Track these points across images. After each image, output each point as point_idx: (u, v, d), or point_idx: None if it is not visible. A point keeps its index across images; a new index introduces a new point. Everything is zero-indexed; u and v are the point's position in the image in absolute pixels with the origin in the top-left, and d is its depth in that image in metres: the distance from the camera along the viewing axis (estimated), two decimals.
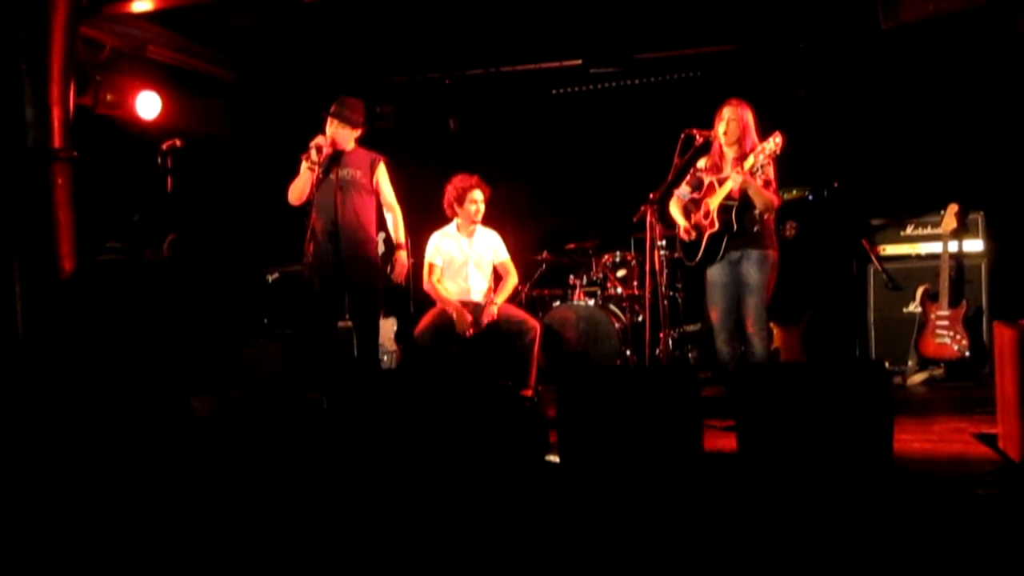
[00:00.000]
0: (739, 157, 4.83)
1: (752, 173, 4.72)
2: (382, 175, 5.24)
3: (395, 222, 5.29)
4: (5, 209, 5.02)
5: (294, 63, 7.39)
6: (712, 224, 4.89)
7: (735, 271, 4.89)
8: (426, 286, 5.80)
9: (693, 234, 4.98)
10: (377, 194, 5.22)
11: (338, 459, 3.78)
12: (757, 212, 4.80)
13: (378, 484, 3.57)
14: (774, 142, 4.67)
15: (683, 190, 5.10)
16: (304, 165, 5.00)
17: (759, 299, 4.81)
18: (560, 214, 8.02)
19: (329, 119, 5.11)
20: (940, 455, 3.97)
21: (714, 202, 4.87)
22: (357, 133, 5.19)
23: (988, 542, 2.83)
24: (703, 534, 3.02)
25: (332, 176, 5.00)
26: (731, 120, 4.85)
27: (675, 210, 5.13)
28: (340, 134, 5.10)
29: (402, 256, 5.25)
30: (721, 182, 4.85)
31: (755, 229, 4.82)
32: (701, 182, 5.02)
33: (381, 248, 6.51)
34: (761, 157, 4.70)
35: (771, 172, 4.78)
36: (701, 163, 5.05)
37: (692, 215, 5.04)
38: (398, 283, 5.29)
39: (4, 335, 4.85)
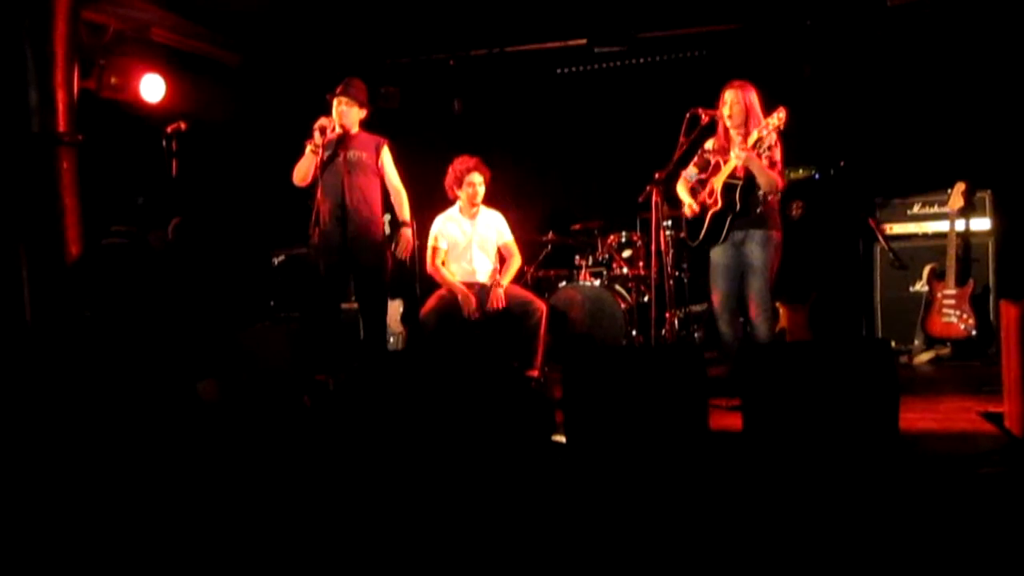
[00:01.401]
0: (745, 137, 4.80)
1: (756, 149, 4.68)
2: (387, 157, 5.26)
3: (400, 203, 5.31)
4: (11, 194, 5.03)
5: (298, 45, 7.37)
6: (716, 202, 4.86)
7: (738, 253, 4.85)
8: (429, 269, 5.80)
9: (696, 209, 4.96)
10: (382, 176, 5.23)
11: (345, 441, 3.79)
12: (761, 193, 4.75)
13: (385, 466, 3.59)
14: (777, 117, 4.61)
15: (690, 171, 5.07)
16: (308, 148, 4.99)
17: (763, 281, 4.78)
18: (566, 195, 8.01)
19: (336, 99, 5.10)
20: (946, 434, 3.97)
21: (718, 181, 4.85)
22: (363, 114, 5.19)
23: (993, 520, 2.84)
24: (709, 513, 3.04)
25: (339, 158, 5.01)
26: (734, 103, 4.80)
27: (682, 190, 5.11)
28: (347, 114, 5.09)
29: (407, 233, 5.28)
30: (727, 161, 4.83)
31: (759, 210, 4.77)
32: (708, 163, 4.99)
33: (387, 230, 6.51)
34: (765, 132, 4.65)
35: (777, 153, 4.73)
36: (709, 144, 5.01)
37: (698, 195, 5.02)
38: (402, 259, 5.31)
39: (11, 319, 4.88)
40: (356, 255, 5.03)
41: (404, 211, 5.31)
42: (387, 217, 6.52)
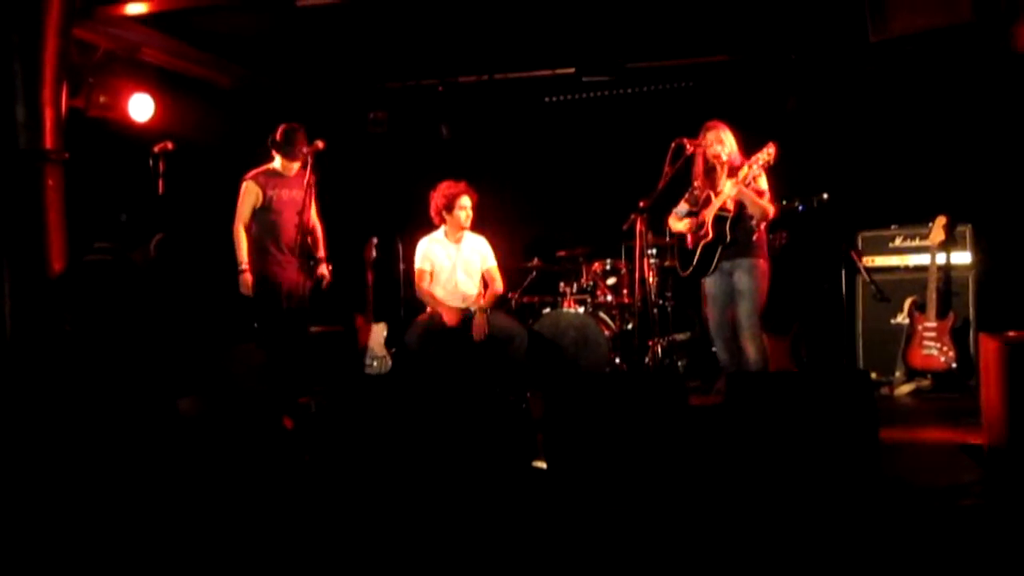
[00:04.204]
0: (729, 172, 4.94)
1: (746, 183, 4.83)
2: (311, 194, 5.34)
3: (320, 238, 5.50)
4: None
5: (288, 68, 7.40)
6: (707, 234, 5.00)
7: (727, 282, 5.02)
8: (419, 292, 5.80)
9: (690, 238, 5.09)
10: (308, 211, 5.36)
11: (325, 463, 3.78)
12: (754, 222, 4.92)
13: (364, 488, 3.57)
14: (767, 152, 4.81)
15: (681, 207, 5.25)
16: (247, 187, 5.31)
17: (749, 305, 4.91)
18: (551, 221, 8.02)
19: (279, 154, 5.37)
20: (926, 466, 3.98)
21: (709, 213, 4.98)
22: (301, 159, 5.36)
23: (972, 552, 2.85)
24: (689, 540, 3.03)
25: (282, 197, 5.33)
26: (716, 142, 5.01)
27: (675, 223, 5.25)
28: (287, 165, 5.39)
29: (324, 269, 5.45)
30: (717, 194, 4.95)
31: (751, 239, 4.94)
32: (698, 199, 5.14)
33: (374, 254, 6.52)
34: (755, 167, 4.84)
35: (763, 182, 4.94)
36: (697, 183, 5.17)
37: (690, 228, 5.14)
38: (322, 291, 5.49)
39: None
40: (293, 290, 5.27)
41: (322, 247, 5.50)
42: (374, 241, 6.53)
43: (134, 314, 4.68)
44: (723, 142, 5.00)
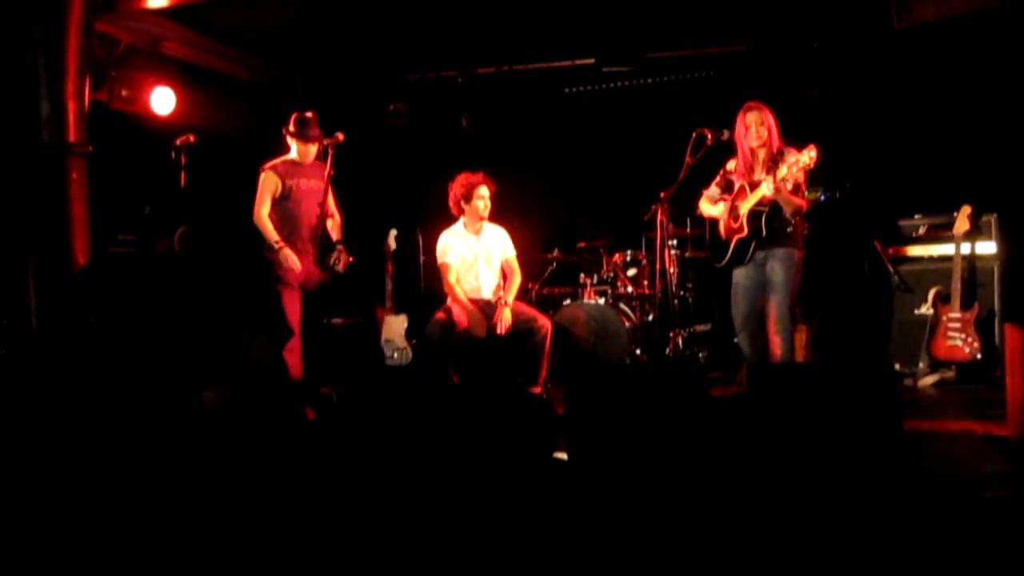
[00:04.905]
0: (769, 159, 4.84)
1: (782, 181, 4.73)
2: (329, 183, 5.39)
3: (338, 225, 5.56)
4: (20, 203, 5.07)
5: (307, 60, 7.42)
6: (741, 228, 4.92)
7: (760, 273, 4.91)
8: (447, 287, 5.80)
9: (732, 226, 5.00)
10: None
11: (346, 454, 3.80)
12: (789, 215, 4.83)
13: (386, 479, 3.59)
14: (808, 156, 4.65)
15: (712, 191, 5.13)
16: (266, 176, 5.35)
17: (782, 297, 4.82)
18: (571, 212, 8.01)
19: (295, 140, 5.39)
20: (950, 457, 3.95)
21: (744, 207, 4.90)
22: (317, 146, 5.42)
23: (996, 544, 2.83)
24: (710, 532, 3.03)
25: (300, 187, 5.37)
26: (759, 124, 4.87)
27: (707, 207, 5.14)
28: (307, 151, 5.42)
29: (342, 249, 5.48)
30: (752, 186, 4.87)
31: (788, 230, 4.85)
32: (731, 184, 5.03)
33: (394, 245, 6.53)
34: (794, 169, 4.68)
35: (801, 175, 4.79)
36: (731, 165, 5.06)
37: (727, 231, 5.05)
38: (339, 273, 5.52)
39: (18, 327, 4.90)
40: (311, 279, 5.33)
41: (339, 232, 5.55)
42: (393, 233, 6.55)
43: (158, 306, 4.72)
44: (765, 123, 4.87)
